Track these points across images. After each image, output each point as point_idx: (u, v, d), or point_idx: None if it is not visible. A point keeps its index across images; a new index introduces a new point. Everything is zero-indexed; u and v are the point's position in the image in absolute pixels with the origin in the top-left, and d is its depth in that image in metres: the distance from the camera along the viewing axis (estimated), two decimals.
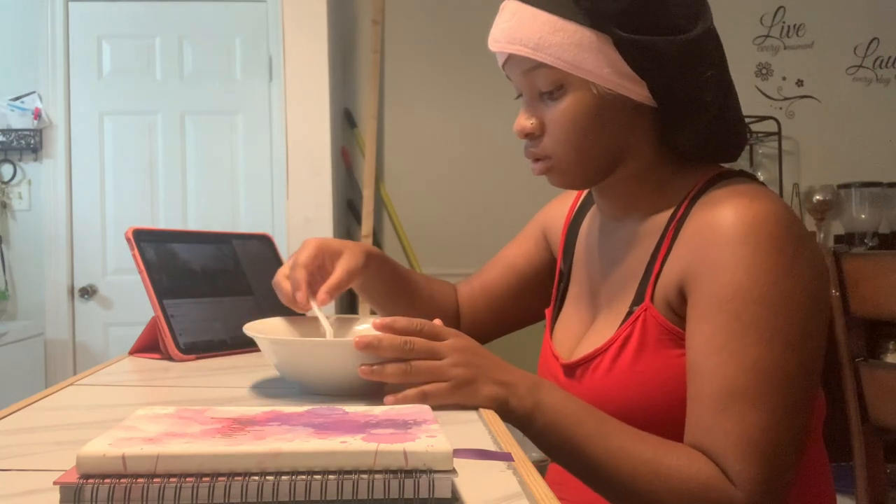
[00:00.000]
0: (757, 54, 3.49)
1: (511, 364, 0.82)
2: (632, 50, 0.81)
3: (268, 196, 3.14)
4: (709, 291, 0.78)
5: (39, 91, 3.13)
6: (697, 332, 0.79)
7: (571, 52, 0.82)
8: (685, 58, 0.83)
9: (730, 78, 0.89)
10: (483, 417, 0.72)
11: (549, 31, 0.82)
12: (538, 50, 0.83)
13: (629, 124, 0.87)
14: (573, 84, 0.84)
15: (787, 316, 0.75)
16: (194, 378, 0.93)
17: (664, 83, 0.83)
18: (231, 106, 3.16)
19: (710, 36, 0.85)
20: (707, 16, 0.86)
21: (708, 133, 0.87)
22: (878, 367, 1.39)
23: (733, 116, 0.89)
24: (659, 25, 0.82)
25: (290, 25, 3.05)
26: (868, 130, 3.48)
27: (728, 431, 0.74)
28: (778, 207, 0.80)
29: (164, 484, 0.43)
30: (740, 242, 0.77)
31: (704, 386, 0.76)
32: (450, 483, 0.45)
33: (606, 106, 0.84)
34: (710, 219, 0.81)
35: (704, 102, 0.84)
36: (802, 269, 0.77)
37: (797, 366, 0.75)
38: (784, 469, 0.74)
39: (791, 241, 0.78)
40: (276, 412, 0.55)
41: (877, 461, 1.38)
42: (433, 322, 0.80)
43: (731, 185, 0.84)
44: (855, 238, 3.21)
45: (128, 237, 1.07)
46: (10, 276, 3.18)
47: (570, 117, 0.85)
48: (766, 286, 0.75)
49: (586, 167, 0.88)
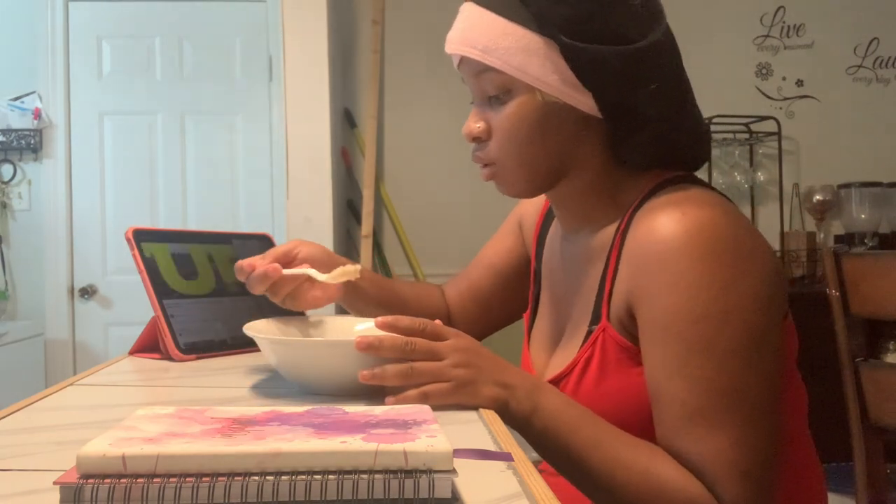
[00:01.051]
0: (757, 54, 3.48)
1: (512, 364, 0.82)
2: (576, 58, 0.80)
3: (268, 196, 3.14)
4: (651, 316, 0.77)
5: (39, 91, 3.13)
6: (649, 356, 0.78)
7: (518, 57, 0.81)
8: (630, 69, 0.80)
9: (685, 88, 0.86)
10: (483, 417, 0.72)
11: (499, 35, 0.81)
12: (487, 53, 0.82)
13: (575, 134, 0.85)
14: (519, 89, 0.83)
15: (734, 329, 0.73)
16: (194, 378, 0.93)
17: (607, 94, 0.81)
18: (231, 106, 3.16)
19: (660, 48, 0.83)
20: (659, 28, 0.84)
21: (657, 145, 0.84)
22: (878, 367, 1.39)
23: (689, 127, 0.86)
24: (606, 34, 0.80)
25: (290, 25, 3.05)
26: (868, 130, 3.48)
27: (701, 454, 0.73)
28: (713, 214, 0.76)
29: (164, 484, 0.43)
30: (674, 261, 0.75)
31: (666, 412, 0.76)
32: (450, 483, 0.45)
33: (551, 114, 0.83)
34: (644, 235, 0.78)
35: (648, 115, 0.82)
36: (745, 277, 0.74)
37: (754, 376, 0.74)
38: (764, 479, 0.74)
39: (730, 250, 0.75)
40: (276, 412, 0.55)
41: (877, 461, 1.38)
42: (435, 322, 0.80)
43: (668, 193, 0.81)
44: (855, 238, 3.21)
45: (128, 237, 1.07)
46: (10, 276, 3.18)
47: (515, 123, 0.84)
48: (706, 303, 0.73)
49: (530, 175, 0.87)
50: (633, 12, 0.82)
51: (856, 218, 3.24)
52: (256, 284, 0.94)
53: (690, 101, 0.87)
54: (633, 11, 0.82)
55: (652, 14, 0.84)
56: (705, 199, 0.79)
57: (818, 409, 2.07)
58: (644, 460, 0.75)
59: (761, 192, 3.46)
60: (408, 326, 0.78)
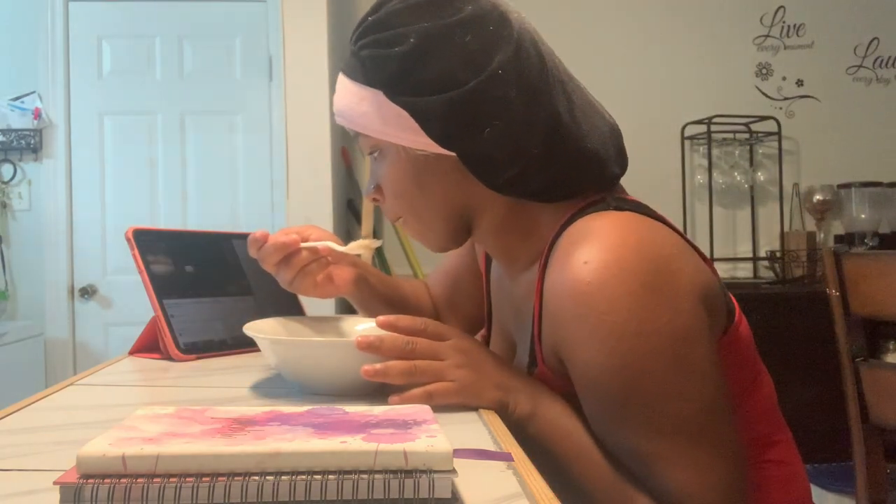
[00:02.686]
0: (757, 54, 3.48)
1: (513, 366, 0.82)
2: (411, 112, 0.77)
3: (268, 196, 3.14)
4: (576, 371, 0.74)
5: (39, 91, 3.13)
6: (588, 411, 0.76)
7: (375, 119, 0.80)
8: (461, 113, 0.76)
9: (550, 113, 0.77)
10: (483, 417, 0.72)
11: (356, 101, 0.81)
12: (351, 121, 0.83)
13: (458, 180, 0.81)
14: (388, 148, 0.82)
15: (660, 371, 0.70)
16: (194, 378, 0.93)
17: (450, 142, 0.77)
18: (231, 106, 3.15)
19: (498, 81, 0.75)
20: (500, 54, 0.76)
21: (531, 181, 0.78)
22: (878, 367, 1.39)
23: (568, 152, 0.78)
24: (434, 83, 0.76)
25: (290, 25, 3.05)
26: (868, 130, 3.48)
27: (668, 493, 0.72)
28: (621, 252, 0.71)
29: (164, 484, 0.43)
30: (584, 315, 0.70)
31: (621, 461, 0.74)
32: (450, 483, 0.45)
33: (424, 167, 0.81)
34: (554, 287, 0.74)
35: (499, 157, 0.76)
36: (661, 315, 0.70)
37: (692, 407, 0.71)
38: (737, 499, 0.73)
39: (640, 290, 0.70)
40: (276, 412, 0.55)
41: (877, 461, 1.38)
42: (436, 321, 0.80)
43: (577, 229, 0.76)
44: (855, 238, 3.21)
45: (128, 237, 1.07)
46: (10, 276, 3.18)
47: (393, 180, 0.84)
48: (624, 353, 0.70)
49: (432, 228, 0.85)
50: (459, 53, 0.76)
51: (856, 218, 3.24)
52: (271, 254, 0.92)
53: (565, 122, 0.78)
54: (460, 51, 0.76)
55: (488, 42, 0.76)
56: (615, 231, 0.73)
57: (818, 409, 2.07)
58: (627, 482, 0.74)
59: (761, 192, 3.46)
60: (409, 326, 0.78)
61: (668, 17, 3.47)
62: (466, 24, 0.77)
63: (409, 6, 0.78)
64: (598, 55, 3.41)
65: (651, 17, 3.46)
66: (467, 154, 0.77)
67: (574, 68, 0.86)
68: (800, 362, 2.60)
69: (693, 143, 3.40)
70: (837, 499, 2.08)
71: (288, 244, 0.92)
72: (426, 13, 0.77)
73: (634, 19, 3.48)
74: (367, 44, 0.80)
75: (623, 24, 3.47)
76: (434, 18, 0.77)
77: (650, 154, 3.34)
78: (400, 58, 0.77)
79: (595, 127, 0.81)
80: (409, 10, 0.78)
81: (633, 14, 3.47)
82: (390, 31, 0.78)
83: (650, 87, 3.45)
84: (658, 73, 3.44)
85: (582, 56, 3.46)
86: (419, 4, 0.78)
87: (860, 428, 1.38)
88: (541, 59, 0.79)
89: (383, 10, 0.80)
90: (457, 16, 0.77)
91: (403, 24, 0.78)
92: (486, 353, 0.80)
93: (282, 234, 0.94)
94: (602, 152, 0.81)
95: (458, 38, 0.76)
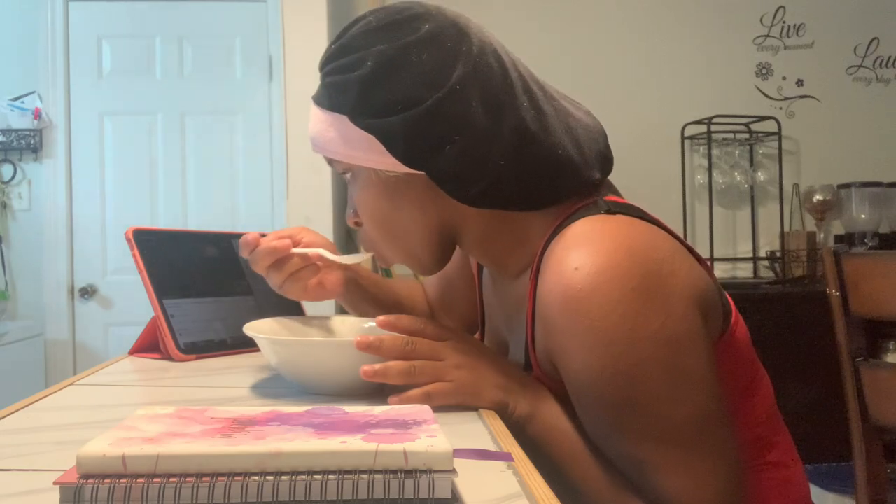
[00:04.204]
0: (757, 54, 3.48)
1: (513, 366, 0.81)
2: (374, 133, 0.77)
3: (268, 196, 3.14)
4: (569, 377, 0.74)
5: (39, 91, 3.13)
6: (580, 415, 0.76)
7: (342, 144, 0.80)
8: (419, 133, 0.75)
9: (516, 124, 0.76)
10: (483, 417, 0.72)
11: (325, 128, 0.82)
12: (322, 147, 0.83)
13: (433, 198, 0.80)
14: (359, 172, 0.83)
15: (652, 377, 0.69)
16: (194, 378, 0.93)
17: (415, 161, 0.76)
18: (231, 106, 3.16)
19: (456, 97, 0.75)
20: (457, 68, 0.76)
21: (512, 189, 0.77)
22: (878, 367, 1.39)
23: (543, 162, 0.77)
24: (393, 104, 0.75)
25: (290, 25, 3.05)
26: (868, 130, 3.48)
27: (666, 499, 0.71)
28: (613, 254, 0.70)
29: (164, 484, 0.43)
30: (576, 321, 0.70)
31: (617, 468, 0.74)
32: (450, 483, 0.45)
33: (396, 187, 0.80)
34: (546, 294, 0.73)
35: (466, 174, 0.76)
36: (653, 320, 0.69)
37: (686, 413, 0.71)
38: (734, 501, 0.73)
39: (632, 295, 0.69)
40: (276, 412, 0.55)
41: (877, 461, 1.38)
42: (436, 321, 0.80)
43: (568, 234, 0.74)
44: (855, 238, 3.22)
45: (128, 237, 1.07)
46: (10, 276, 3.18)
47: (366, 203, 0.83)
48: (616, 359, 0.69)
49: (413, 251, 0.85)
50: (416, 72, 0.76)
51: (856, 218, 3.24)
52: (263, 258, 0.92)
53: (533, 131, 0.77)
54: (417, 70, 0.76)
55: (444, 58, 0.76)
56: (606, 235, 0.72)
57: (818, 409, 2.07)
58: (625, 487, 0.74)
59: (761, 192, 3.46)
60: (408, 326, 0.78)
61: (667, 17, 3.47)
62: (423, 43, 0.77)
63: (368, 30, 0.79)
64: (598, 56, 3.41)
65: (651, 17, 3.46)
66: (433, 171, 0.77)
67: (574, 69, 0.87)
68: (800, 362, 2.60)
69: (693, 143, 3.40)
70: (837, 499, 2.08)
71: (279, 249, 0.92)
72: (384, 35, 0.78)
73: (634, 19, 3.48)
74: (330, 70, 0.81)
75: (623, 25, 3.47)
76: (391, 40, 0.77)
77: (650, 154, 3.35)
78: (359, 81, 0.77)
79: (569, 133, 0.80)
80: (368, 33, 0.79)
81: (632, 14, 3.47)
82: (350, 55, 0.79)
83: (650, 87, 3.45)
84: (658, 73, 3.44)
85: (582, 57, 3.46)
86: (378, 27, 0.79)
87: (860, 428, 1.38)
88: (503, 71, 0.78)
89: (346, 36, 0.81)
90: (413, 35, 0.77)
91: (362, 47, 0.78)
92: (486, 353, 0.80)
93: (274, 238, 0.94)
94: (577, 158, 0.79)
95: (415, 57, 0.76)
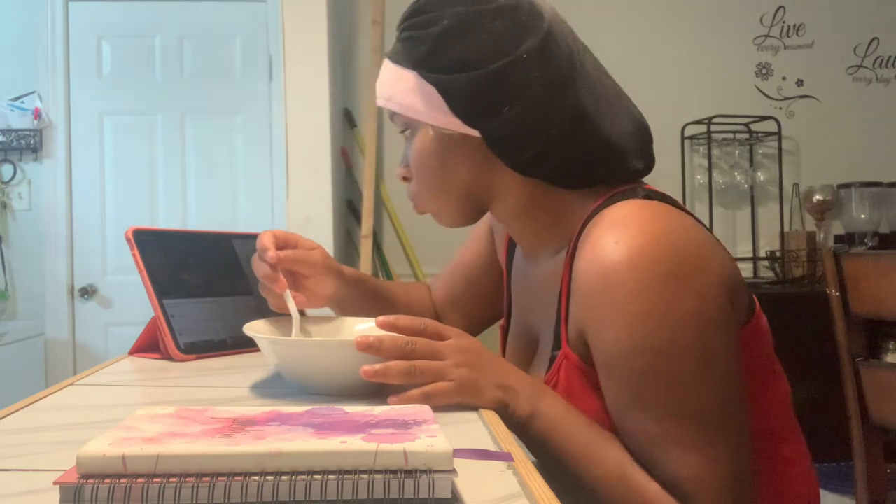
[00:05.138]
0: (757, 54, 3.48)
1: (513, 366, 0.82)
2: (440, 90, 0.83)
3: (268, 196, 3.14)
4: (599, 349, 0.76)
5: (39, 91, 3.13)
6: (606, 390, 0.78)
7: (409, 98, 0.86)
8: (482, 93, 0.81)
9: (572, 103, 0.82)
10: (483, 417, 0.72)
11: (394, 81, 0.88)
12: (388, 100, 0.89)
13: (483, 160, 0.86)
14: (417, 126, 0.88)
15: (681, 355, 0.72)
16: (194, 378, 0.93)
17: (473, 119, 0.82)
18: (231, 106, 3.16)
19: (522, 65, 0.80)
20: (527, 41, 0.81)
21: (558, 163, 0.83)
22: (878, 367, 1.39)
23: (588, 143, 0.82)
24: (462, 62, 0.81)
25: (290, 25, 3.05)
26: (868, 130, 3.48)
27: (677, 478, 0.73)
28: (651, 236, 0.73)
29: (164, 484, 0.43)
30: (612, 294, 0.73)
31: (633, 443, 0.76)
32: (450, 483, 0.45)
33: (448, 144, 0.86)
34: (585, 267, 0.76)
35: (516, 135, 0.81)
36: (687, 300, 0.72)
37: (709, 394, 0.73)
38: (742, 491, 0.74)
39: (668, 274, 0.72)
40: (276, 412, 0.55)
41: (877, 461, 1.38)
42: (435, 321, 0.80)
43: (608, 215, 0.78)
44: (855, 238, 3.21)
45: (128, 237, 1.07)
46: (10, 276, 3.18)
47: (417, 156, 0.89)
48: (647, 335, 0.72)
49: (448, 206, 0.91)
50: (487, 36, 0.81)
51: (856, 218, 3.24)
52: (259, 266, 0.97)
53: (589, 113, 0.82)
54: (489, 35, 0.81)
55: (517, 29, 0.82)
56: (645, 217, 0.75)
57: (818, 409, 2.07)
58: (634, 477, 0.75)
59: (761, 192, 3.46)
60: (408, 326, 0.78)
61: (667, 16, 3.47)
62: (498, 12, 0.82)
63: None
64: (598, 55, 3.40)
65: (651, 17, 3.46)
66: (489, 132, 0.82)
67: None
68: (800, 362, 2.59)
69: (693, 143, 3.40)
70: (837, 499, 2.08)
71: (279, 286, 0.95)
72: (462, 0, 0.83)
73: (634, 19, 3.47)
74: (408, 26, 0.87)
75: (622, 24, 3.47)
76: (468, 4, 0.83)
77: None
78: (433, 37, 0.83)
79: (620, 122, 0.85)
80: None
81: (632, 14, 3.47)
82: (429, 13, 0.85)
83: (650, 87, 3.44)
84: (658, 73, 3.44)
85: None
86: None
87: (860, 428, 1.38)
88: (570, 54, 0.84)
89: None
90: (490, 4, 0.83)
91: (440, 7, 0.84)
92: (486, 352, 0.80)
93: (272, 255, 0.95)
94: (625, 147, 0.84)
95: (489, 23, 0.82)
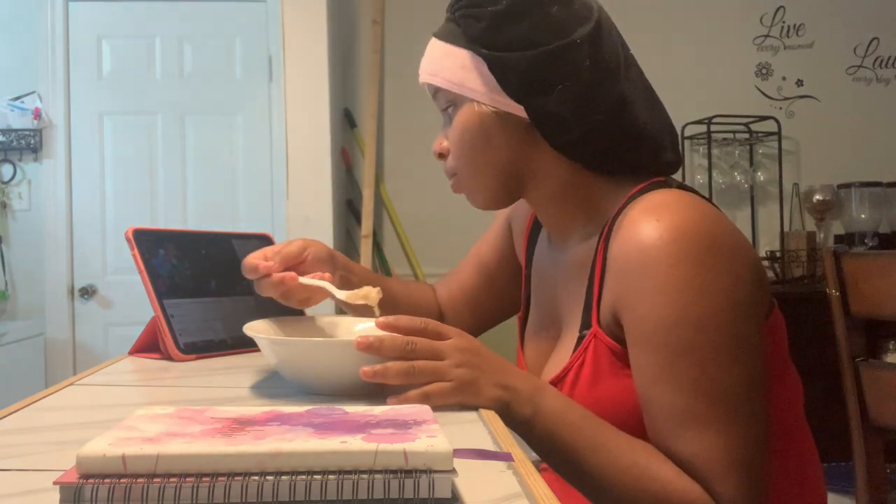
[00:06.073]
0: (757, 54, 3.48)
1: (513, 365, 0.82)
2: (493, 66, 0.85)
3: (268, 196, 3.14)
4: (633, 322, 0.78)
5: (39, 91, 3.13)
6: (636, 363, 0.79)
7: (457, 74, 0.88)
8: (537, 71, 0.83)
9: (617, 90, 0.85)
10: (483, 417, 0.72)
11: (442, 57, 0.89)
12: (434, 75, 0.90)
13: (524, 141, 0.88)
14: (461, 103, 0.89)
15: (713, 331, 0.74)
16: (194, 378, 0.93)
17: (523, 97, 0.84)
18: (231, 106, 3.16)
19: (575, 48, 0.83)
20: (580, 30, 0.84)
21: (599, 147, 0.85)
22: (878, 367, 1.39)
23: (626, 129, 0.86)
24: (517, 42, 0.84)
25: (290, 25, 3.05)
26: (868, 130, 3.48)
27: (694, 454, 0.74)
28: (689, 218, 0.77)
29: (164, 484, 0.43)
30: (651, 267, 0.76)
31: (656, 416, 0.77)
32: (450, 483, 0.45)
33: (492, 123, 0.87)
34: (624, 243, 0.79)
35: (561, 115, 0.84)
36: (721, 280, 0.75)
37: (739, 374, 0.75)
38: (758, 474, 0.75)
39: (705, 253, 0.75)
40: (276, 412, 0.55)
41: (877, 461, 1.38)
42: (435, 321, 0.80)
43: (646, 199, 0.82)
44: (855, 238, 3.22)
45: (128, 237, 1.07)
46: (10, 276, 3.18)
47: (460, 133, 0.90)
48: (683, 308, 0.74)
49: (485, 184, 0.92)
50: (545, 19, 0.84)
51: (856, 218, 3.24)
52: (269, 288, 0.94)
53: (631, 103, 0.86)
54: (546, 18, 0.84)
55: (571, 17, 0.85)
56: (682, 203, 0.79)
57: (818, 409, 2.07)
58: (643, 463, 0.76)
59: (761, 192, 3.46)
60: (408, 326, 0.78)
61: (667, 17, 3.47)
62: None
63: None
64: None
65: (651, 17, 3.46)
66: (536, 110, 0.84)
67: None
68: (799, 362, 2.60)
69: (693, 143, 3.40)
70: (837, 499, 2.08)
71: (285, 281, 0.93)
72: None
73: (634, 19, 3.47)
74: (465, 5, 0.88)
75: (622, 25, 3.46)
76: None
77: None
78: (492, 15, 0.85)
79: (656, 118, 0.89)
80: None
81: (632, 14, 3.47)
82: None
83: None
84: (658, 73, 3.42)
85: None
86: None
87: (860, 428, 1.38)
88: (616, 45, 0.88)
89: None
90: None
91: None
92: (486, 352, 0.80)
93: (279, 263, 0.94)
94: (658, 139, 0.88)
95: (546, 6, 0.85)
